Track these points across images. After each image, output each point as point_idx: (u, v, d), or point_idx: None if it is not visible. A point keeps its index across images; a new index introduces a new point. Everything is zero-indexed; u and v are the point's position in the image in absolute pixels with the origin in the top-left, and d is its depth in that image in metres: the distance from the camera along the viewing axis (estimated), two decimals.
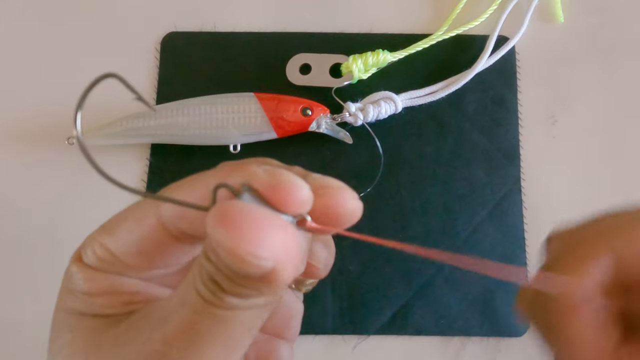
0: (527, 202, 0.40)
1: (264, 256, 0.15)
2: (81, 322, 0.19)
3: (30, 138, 0.41)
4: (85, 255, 0.20)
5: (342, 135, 0.40)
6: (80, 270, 0.19)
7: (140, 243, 0.19)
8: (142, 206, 0.19)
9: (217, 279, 0.16)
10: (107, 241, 0.19)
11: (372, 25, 0.43)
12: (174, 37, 0.43)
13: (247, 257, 0.15)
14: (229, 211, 0.15)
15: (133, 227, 0.19)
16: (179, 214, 0.18)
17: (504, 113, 0.41)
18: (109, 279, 0.19)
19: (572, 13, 0.43)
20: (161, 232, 0.19)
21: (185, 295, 0.17)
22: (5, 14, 0.44)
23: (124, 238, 0.19)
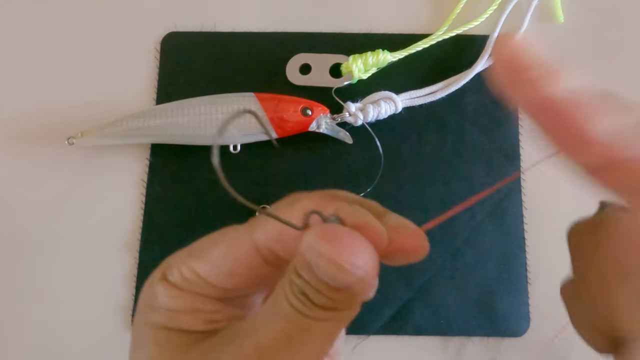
0: (527, 202, 0.40)
1: (358, 265, 0.18)
2: (168, 336, 0.20)
3: (30, 138, 0.41)
4: (170, 275, 0.21)
5: (342, 135, 0.40)
6: (166, 288, 0.21)
7: (232, 265, 0.21)
8: (237, 231, 0.21)
9: (307, 292, 0.18)
10: (195, 265, 0.21)
11: (372, 25, 0.43)
12: (174, 37, 0.43)
13: (346, 265, 0.17)
14: (331, 230, 0.18)
15: (227, 251, 0.21)
16: (275, 237, 0.20)
17: (504, 113, 0.41)
18: (192, 298, 0.21)
19: (572, 13, 0.43)
20: (254, 255, 0.20)
21: (277, 306, 0.19)
22: (5, 14, 0.44)
23: (216, 261, 0.21)
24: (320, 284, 0.18)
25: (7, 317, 0.39)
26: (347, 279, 0.18)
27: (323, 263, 0.18)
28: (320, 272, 0.18)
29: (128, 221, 0.40)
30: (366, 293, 0.19)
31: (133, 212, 0.40)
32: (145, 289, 0.22)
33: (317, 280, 0.18)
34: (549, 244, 0.39)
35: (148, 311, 0.21)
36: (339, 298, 0.18)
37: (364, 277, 0.18)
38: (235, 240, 0.21)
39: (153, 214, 0.40)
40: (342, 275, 0.18)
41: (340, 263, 0.18)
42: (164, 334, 0.20)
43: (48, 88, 0.43)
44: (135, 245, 0.39)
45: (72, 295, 0.39)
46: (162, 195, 0.40)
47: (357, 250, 0.18)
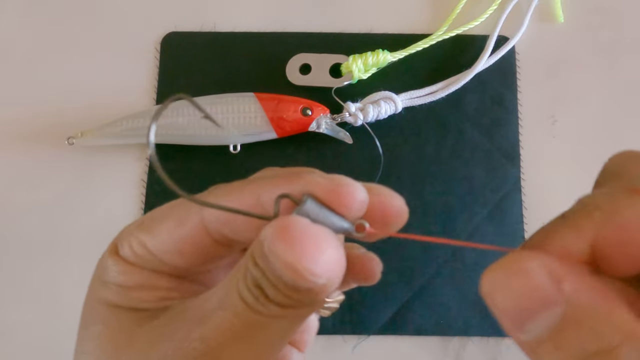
0: (527, 202, 0.40)
1: (319, 273, 0.16)
2: (114, 314, 0.19)
3: (30, 138, 0.41)
4: (121, 249, 0.20)
5: (342, 135, 0.40)
6: (117, 263, 0.19)
7: (180, 244, 0.19)
8: (185, 207, 0.19)
9: (262, 285, 0.16)
10: (145, 239, 0.19)
11: (372, 25, 0.43)
12: (174, 37, 0.43)
13: (305, 273, 0.16)
14: (291, 227, 0.16)
15: (174, 227, 0.19)
16: (225, 219, 0.18)
17: (504, 113, 0.41)
18: (145, 274, 0.19)
19: (572, 13, 0.43)
20: (203, 235, 0.19)
21: (227, 297, 0.17)
22: (5, 14, 0.44)
23: (163, 237, 0.19)
24: (278, 280, 0.16)
25: (7, 317, 0.39)
26: (304, 284, 0.16)
27: (279, 265, 0.16)
28: (272, 272, 0.16)
29: (128, 221, 0.39)
30: (328, 293, 0.17)
31: (133, 212, 0.40)
32: (98, 263, 0.20)
33: (275, 274, 0.16)
34: None
35: (98, 287, 0.20)
36: (298, 297, 0.16)
37: (326, 282, 0.16)
38: (183, 217, 0.19)
39: None
40: (300, 280, 0.16)
41: (297, 268, 0.16)
42: (113, 312, 0.19)
43: (48, 88, 0.43)
44: None
45: (72, 295, 0.39)
46: (162, 195, 0.40)
47: (319, 258, 0.16)
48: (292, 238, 0.16)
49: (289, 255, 0.16)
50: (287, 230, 0.16)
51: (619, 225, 0.14)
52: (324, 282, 0.16)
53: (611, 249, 0.15)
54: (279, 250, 0.16)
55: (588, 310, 0.14)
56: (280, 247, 0.16)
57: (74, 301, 0.39)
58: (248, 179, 0.19)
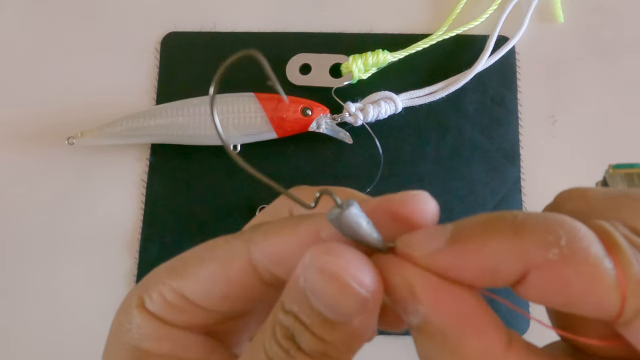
0: (527, 202, 0.40)
1: (365, 281, 0.15)
2: None
3: (30, 138, 0.41)
4: (149, 300, 0.18)
5: (342, 135, 0.40)
6: (144, 320, 0.17)
7: (225, 287, 0.17)
8: (229, 245, 0.17)
9: (295, 332, 0.15)
10: (181, 285, 0.17)
11: (372, 25, 0.43)
12: (174, 37, 0.43)
13: (351, 281, 0.14)
14: (331, 245, 0.15)
15: (218, 269, 0.17)
16: (278, 259, 0.17)
17: (504, 113, 0.41)
18: (174, 337, 0.18)
19: (572, 13, 0.43)
20: (250, 276, 0.17)
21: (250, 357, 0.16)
22: (5, 15, 0.44)
23: (204, 282, 0.17)
24: (313, 316, 0.15)
25: (7, 316, 0.39)
26: (349, 303, 0.15)
27: (322, 281, 0.14)
28: (318, 295, 0.15)
29: (128, 221, 0.40)
30: (366, 333, 0.16)
31: (133, 212, 0.40)
32: (117, 318, 0.18)
33: (309, 311, 0.15)
34: None
35: (118, 347, 0.18)
36: (333, 338, 0.15)
37: (368, 302, 0.15)
38: (228, 258, 0.17)
39: (153, 214, 0.40)
40: (344, 297, 0.14)
41: (344, 278, 0.14)
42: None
43: (48, 88, 0.43)
44: (135, 245, 0.39)
45: (72, 295, 0.39)
46: (162, 195, 0.40)
47: (363, 266, 0.15)
48: (337, 252, 0.15)
49: (335, 265, 0.14)
50: (331, 247, 0.15)
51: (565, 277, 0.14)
52: (368, 296, 0.15)
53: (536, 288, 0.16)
54: (325, 262, 0.15)
55: (438, 332, 0.15)
56: (326, 260, 0.15)
57: (73, 301, 0.40)
58: (301, 216, 0.17)
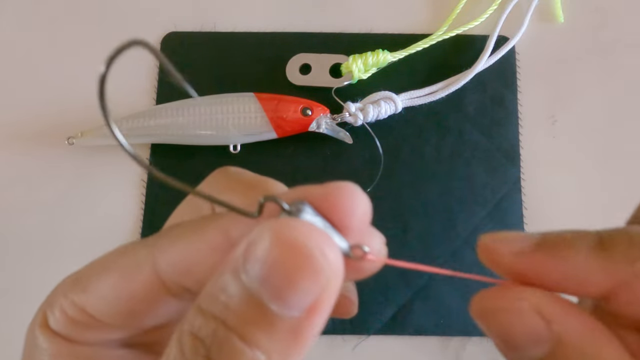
0: (527, 202, 0.40)
1: (331, 257, 0.12)
2: None
3: (30, 138, 0.41)
4: (52, 317, 0.16)
5: (342, 135, 0.40)
6: (48, 341, 0.16)
7: (128, 301, 0.15)
8: (132, 256, 0.16)
9: (212, 343, 0.12)
10: (81, 300, 0.16)
11: (372, 25, 0.43)
12: (174, 37, 0.43)
13: (316, 251, 0.12)
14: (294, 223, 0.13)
15: (119, 282, 0.15)
16: (184, 268, 0.15)
17: (504, 113, 0.41)
18: (83, 355, 0.16)
19: (572, 13, 0.43)
20: (155, 287, 0.15)
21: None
22: (5, 14, 0.44)
23: (105, 295, 0.15)
24: (246, 314, 0.12)
25: (7, 316, 0.39)
26: (308, 283, 0.12)
27: (279, 251, 0.12)
28: (268, 272, 0.12)
29: (128, 221, 0.40)
30: (309, 338, 0.12)
31: (133, 212, 0.40)
32: (27, 335, 0.17)
33: (241, 307, 0.12)
34: None
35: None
36: (270, 343, 0.12)
37: (329, 285, 0.12)
38: (132, 268, 0.15)
39: (153, 214, 0.40)
40: (306, 273, 0.12)
41: (309, 246, 0.12)
42: None
43: (48, 88, 0.43)
44: None
45: None
46: (162, 195, 0.40)
47: (328, 238, 0.13)
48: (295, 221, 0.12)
49: (297, 231, 0.12)
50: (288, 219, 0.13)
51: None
52: (329, 275, 0.12)
53: (628, 302, 0.15)
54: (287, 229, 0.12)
55: (577, 350, 0.14)
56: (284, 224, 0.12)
57: None
58: (208, 216, 0.15)
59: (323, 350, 0.38)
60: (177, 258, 0.15)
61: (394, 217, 0.39)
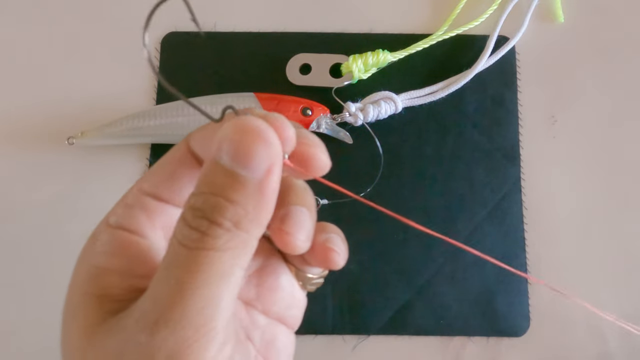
0: (527, 202, 0.40)
1: (273, 134, 0.17)
2: (87, 303, 0.19)
3: (30, 138, 0.41)
4: (114, 216, 0.21)
5: (342, 135, 0.40)
6: (106, 234, 0.20)
7: (172, 168, 0.21)
8: (176, 145, 0.22)
9: (206, 209, 0.17)
10: (141, 184, 0.21)
11: (372, 25, 0.43)
12: (174, 37, 0.43)
13: (266, 131, 0.17)
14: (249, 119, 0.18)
15: (168, 158, 0.21)
16: (200, 142, 0.21)
17: (504, 113, 0.41)
18: (129, 250, 0.20)
19: (572, 13, 0.43)
20: (189, 156, 0.21)
21: (167, 255, 0.18)
22: (5, 14, 0.44)
23: (159, 172, 0.21)
24: (224, 183, 0.17)
25: (7, 317, 0.39)
26: (261, 151, 0.17)
27: (238, 132, 0.17)
28: (233, 147, 0.17)
29: None
30: (273, 196, 0.18)
31: None
32: (87, 241, 0.21)
33: (222, 178, 0.17)
34: (549, 244, 0.39)
35: (79, 271, 0.20)
36: (244, 199, 0.17)
37: (277, 153, 0.17)
38: (176, 147, 0.21)
39: None
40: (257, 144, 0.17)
41: (259, 127, 0.17)
42: (86, 301, 0.19)
43: (48, 88, 0.43)
44: None
45: None
46: None
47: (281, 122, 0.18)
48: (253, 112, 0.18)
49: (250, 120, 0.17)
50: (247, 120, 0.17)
51: None
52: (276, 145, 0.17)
53: None
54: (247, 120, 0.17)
55: None
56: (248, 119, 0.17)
57: None
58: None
59: (323, 350, 0.38)
60: (198, 136, 0.21)
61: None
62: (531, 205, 0.40)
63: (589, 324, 0.38)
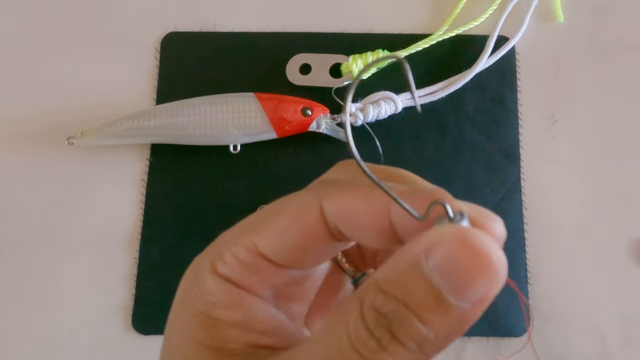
0: (527, 202, 0.40)
1: (504, 263, 0.14)
2: (198, 355, 0.17)
3: (30, 138, 0.41)
4: (221, 264, 0.18)
5: (342, 135, 0.40)
6: (216, 285, 0.18)
7: (300, 236, 0.18)
8: (300, 200, 0.18)
9: (394, 319, 0.14)
10: (255, 240, 0.18)
11: (372, 25, 0.43)
12: (174, 37, 0.43)
13: (495, 259, 0.14)
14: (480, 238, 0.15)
15: (292, 221, 0.18)
16: (345, 214, 0.17)
17: (504, 113, 0.41)
18: (245, 303, 0.18)
19: (572, 13, 0.43)
20: (321, 227, 0.18)
21: (331, 348, 0.15)
22: (5, 14, 0.44)
23: (278, 234, 0.18)
24: (424, 299, 0.14)
25: (7, 316, 0.39)
26: (482, 282, 0.14)
27: (463, 253, 0.14)
28: (449, 271, 0.14)
29: (128, 221, 0.40)
30: (470, 323, 0.15)
31: (133, 212, 0.40)
32: (186, 283, 0.18)
33: (422, 292, 0.14)
34: (549, 244, 0.39)
35: (184, 317, 0.18)
36: (441, 326, 0.14)
37: (498, 286, 0.15)
38: (302, 208, 0.18)
39: (153, 214, 0.40)
40: (482, 274, 0.14)
41: (489, 253, 0.14)
42: (197, 353, 0.17)
43: (48, 88, 0.43)
44: (135, 245, 0.39)
45: (72, 295, 0.39)
46: (162, 195, 0.40)
47: (499, 248, 0.15)
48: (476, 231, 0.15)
49: (479, 239, 0.14)
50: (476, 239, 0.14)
51: None
52: (499, 285, 0.14)
53: None
54: (468, 235, 0.14)
55: None
56: (469, 231, 0.14)
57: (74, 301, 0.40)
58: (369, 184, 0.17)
59: None
60: (340, 205, 0.17)
61: None
62: (531, 205, 0.40)
63: (589, 324, 0.38)
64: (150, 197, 0.40)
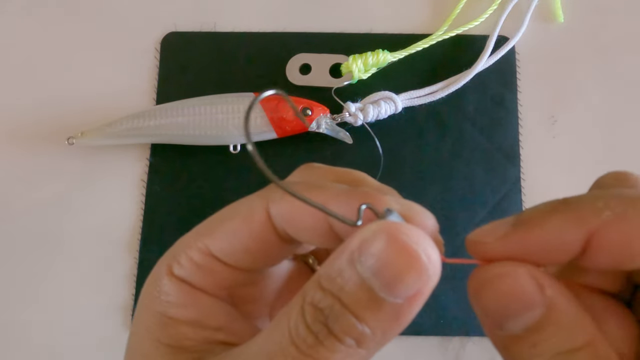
0: (527, 202, 0.40)
1: (434, 259, 0.15)
2: (156, 352, 0.18)
3: (30, 138, 0.41)
4: (177, 266, 0.19)
5: (342, 135, 0.40)
6: (172, 287, 0.18)
7: (247, 241, 0.19)
8: (249, 203, 0.19)
9: (330, 314, 0.15)
10: (208, 243, 0.19)
11: (372, 25, 0.43)
12: (174, 37, 0.43)
13: (423, 255, 0.15)
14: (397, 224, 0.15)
15: (240, 225, 0.19)
16: (290, 217, 0.18)
17: (504, 113, 0.41)
18: (200, 302, 0.19)
19: (572, 13, 0.43)
20: (269, 230, 0.19)
21: (273, 345, 0.15)
22: (5, 14, 0.44)
23: (228, 237, 0.19)
24: (358, 294, 0.15)
25: (7, 316, 0.39)
26: (412, 278, 0.15)
27: (392, 251, 0.15)
28: (379, 267, 0.14)
29: (128, 221, 0.40)
30: (407, 320, 0.15)
31: (133, 212, 0.40)
32: (146, 289, 0.19)
33: (355, 288, 0.15)
34: None
35: (145, 316, 0.19)
36: (375, 322, 0.15)
37: (429, 282, 0.15)
38: (250, 212, 0.19)
39: (153, 214, 0.40)
40: (412, 270, 0.15)
41: (416, 250, 0.14)
42: (154, 349, 0.18)
43: (48, 88, 0.43)
44: (135, 245, 0.39)
45: (73, 295, 0.39)
46: (162, 195, 0.40)
47: (431, 244, 0.15)
48: (407, 226, 0.15)
49: (407, 236, 0.15)
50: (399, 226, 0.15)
51: (625, 231, 0.15)
52: (433, 275, 0.15)
53: (603, 250, 0.16)
54: (397, 232, 0.15)
55: (566, 313, 0.15)
56: (398, 228, 0.15)
57: (74, 301, 0.40)
58: (312, 185, 0.18)
59: None
60: (285, 209, 0.18)
61: None
62: (531, 205, 0.40)
63: None
64: (150, 197, 0.40)
